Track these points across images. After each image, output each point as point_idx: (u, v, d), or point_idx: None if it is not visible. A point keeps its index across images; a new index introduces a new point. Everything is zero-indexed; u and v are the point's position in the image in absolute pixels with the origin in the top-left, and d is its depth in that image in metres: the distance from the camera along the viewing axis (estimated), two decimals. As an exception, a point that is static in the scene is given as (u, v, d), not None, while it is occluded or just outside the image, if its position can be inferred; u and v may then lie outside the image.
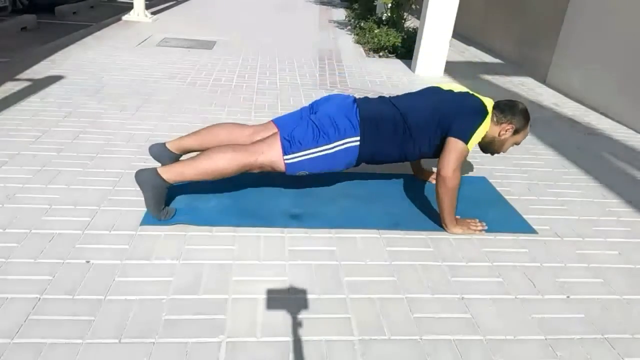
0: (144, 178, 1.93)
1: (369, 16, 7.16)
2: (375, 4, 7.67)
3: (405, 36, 5.84)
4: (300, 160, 2.03)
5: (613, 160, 3.14)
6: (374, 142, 2.08)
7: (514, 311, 1.67)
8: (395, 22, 6.38)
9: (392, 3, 6.28)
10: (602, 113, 4.09)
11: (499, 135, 2.17)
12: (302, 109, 2.29)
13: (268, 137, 2.09)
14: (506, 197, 2.48)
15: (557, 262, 1.98)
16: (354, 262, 1.87)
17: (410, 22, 6.82)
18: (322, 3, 10.97)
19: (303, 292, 1.68)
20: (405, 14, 6.60)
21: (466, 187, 2.52)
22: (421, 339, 1.51)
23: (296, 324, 1.53)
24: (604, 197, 2.59)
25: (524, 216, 2.30)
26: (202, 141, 2.22)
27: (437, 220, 2.17)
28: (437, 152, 2.15)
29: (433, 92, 2.23)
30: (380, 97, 2.28)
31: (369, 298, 1.67)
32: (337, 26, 7.87)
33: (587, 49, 4.40)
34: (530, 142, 3.30)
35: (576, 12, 4.60)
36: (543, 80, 5.03)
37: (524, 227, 2.21)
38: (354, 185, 2.47)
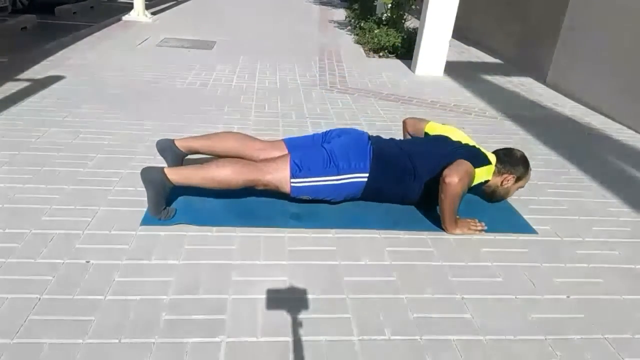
0: (150, 176, 1.96)
1: (369, 16, 7.16)
2: (375, 4, 7.67)
3: (405, 36, 5.84)
4: (306, 186, 2.09)
5: (613, 160, 3.13)
6: (381, 181, 2.14)
7: (514, 311, 1.67)
8: (395, 22, 6.38)
9: (392, 3, 6.28)
10: (602, 113, 4.09)
11: (501, 184, 2.27)
12: (315, 135, 2.35)
13: (278, 158, 2.14)
14: (506, 197, 2.48)
15: (557, 262, 1.98)
16: (354, 262, 1.87)
17: (410, 22, 6.82)
18: (322, 3, 10.97)
19: (303, 292, 1.68)
20: (405, 14, 6.60)
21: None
22: (421, 339, 1.51)
23: (296, 324, 1.53)
24: (604, 197, 2.59)
25: (524, 216, 2.30)
26: (210, 146, 2.27)
27: (437, 220, 2.17)
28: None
29: (441, 140, 2.30)
30: (391, 138, 2.37)
31: (369, 298, 1.67)
32: (337, 26, 7.87)
33: (587, 49, 4.40)
34: (530, 142, 3.30)
35: (576, 12, 4.60)
36: (543, 80, 5.03)
37: (524, 227, 2.21)
38: None
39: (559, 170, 2.89)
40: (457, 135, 2.35)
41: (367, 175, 2.12)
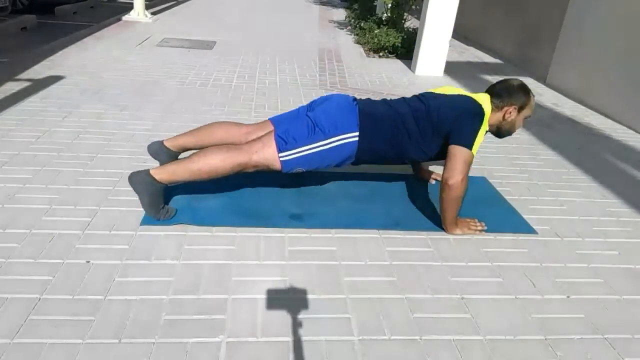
0: (137, 180, 1.93)
1: (369, 16, 7.16)
2: (375, 4, 7.67)
3: (405, 36, 5.84)
4: (295, 158, 2.01)
5: (613, 160, 3.13)
6: (373, 139, 2.06)
7: (514, 311, 1.67)
8: (395, 22, 6.38)
9: (392, 3, 6.28)
10: (602, 113, 4.09)
11: (504, 119, 2.15)
12: (300, 108, 2.27)
13: (263, 135, 2.07)
14: (506, 197, 2.48)
15: (557, 262, 1.98)
16: (354, 262, 1.87)
17: (410, 22, 6.82)
18: (322, 3, 10.97)
19: (303, 292, 1.68)
20: (405, 14, 6.60)
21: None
22: (421, 339, 1.51)
23: (296, 324, 1.53)
24: (604, 197, 2.59)
25: (524, 216, 2.30)
26: (198, 139, 2.21)
27: (437, 220, 2.17)
28: (437, 156, 2.15)
29: (430, 96, 2.21)
30: (382, 99, 2.27)
31: (369, 298, 1.67)
32: (337, 26, 7.87)
33: (587, 49, 4.40)
34: (530, 142, 3.30)
35: (576, 12, 4.60)
36: (543, 80, 5.03)
37: (524, 227, 2.21)
38: (353, 186, 2.47)
39: (559, 170, 2.89)
40: (442, 89, 2.27)
41: (357, 134, 2.02)
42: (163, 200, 2.01)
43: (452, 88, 2.29)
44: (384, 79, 4.71)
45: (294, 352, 1.43)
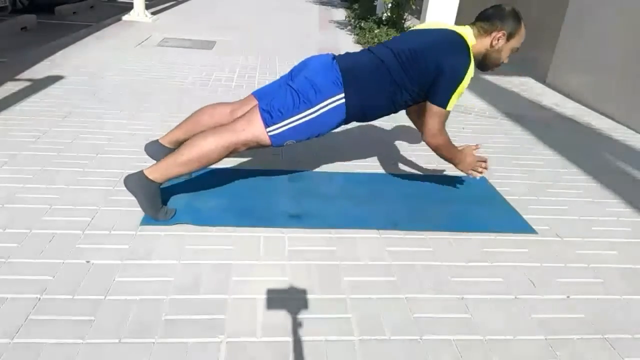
0: (132, 183, 1.92)
1: (369, 16, 7.16)
2: (375, 4, 7.68)
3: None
4: (284, 131, 1.95)
5: (613, 160, 3.13)
6: (360, 94, 1.98)
7: (514, 311, 1.67)
8: (395, 22, 6.38)
9: (392, 3, 6.28)
10: (602, 113, 4.09)
11: (491, 46, 2.06)
12: (282, 77, 2.20)
13: (247, 112, 2.01)
14: (506, 197, 2.48)
15: (557, 262, 1.98)
16: (354, 262, 1.87)
17: (410, 22, 6.82)
18: (322, 3, 10.97)
19: (303, 292, 1.68)
20: (405, 14, 6.59)
21: (465, 187, 2.53)
22: (421, 339, 1.51)
23: (296, 324, 1.53)
24: (604, 197, 2.59)
25: (525, 216, 2.30)
26: (187, 129, 2.17)
27: (437, 220, 2.18)
28: (427, 96, 2.07)
29: (412, 35, 2.13)
30: (360, 50, 2.20)
31: (369, 298, 1.67)
32: (337, 26, 7.87)
33: (587, 49, 4.40)
34: (530, 142, 3.30)
35: (576, 12, 4.60)
36: (543, 80, 5.03)
37: (524, 227, 2.21)
38: (353, 185, 2.47)
39: (559, 170, 2.89)
40: (426, 25, 2.21)
41: (342, 95, 1.95)
42: (161, 201, 2.01)
43: (438, 22, 2.21)
44: (384, 79, 4.70)
45: (294, 352, 1.43)
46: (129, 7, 7.18)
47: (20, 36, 5.91)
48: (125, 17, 6.82)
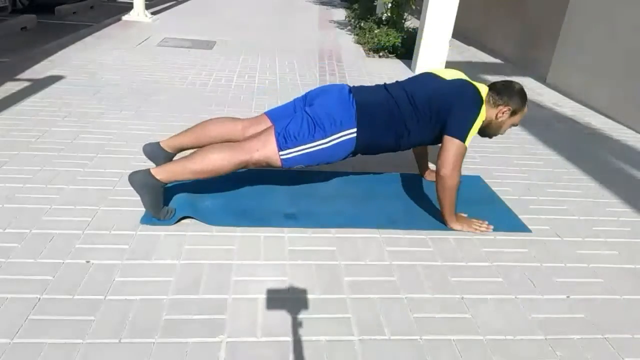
0: (138, 180, 1.92)
1: (369, 16, 7.16)
2: (375, 4, 7.67)
3: (405, 36, 5.84)
4: (296, 156, 2.01)
5: (613, 160, 3.14)
6: (371, 131, 2.05)
7: (514, 311, 1.67)
8: (395, 22, 6.38)
9: (392, 3, 6.28)
10: (602, 113, 4.09)
11: (495, 117, 2.14)
12: (296, 100, 2.25)
13: (262, 132, 2.06)
14: (506, 197, 2.48)
15: (557, 262, 1.98)
16: (354, 262, 1.87)
17: (410, 22, 6.82)
18: (322, 3, 10.97)
19: (303, 292, 1.68)
20: (405, 14, 6.60)
21: (461, 187, 2.52)
22: (421, 339, 1.51)
23: (296, 324, 1.53)
24: (604, 197, 2.59)
25: (524, 216, 2.30)
26: (195, 138, 2.20)
27: (434, 218, 2.18)
28: (435, 141, 2.14)
29: (428, 80, 2.19)
30: (376, 85, 2.25)
31: (369, 298, 1.67)
32: (337, 26, 7.87)
33: (587, 49, 4.40)
34: (530, 142, 3.30)
35: (576, 12, 4.60)
36: (543, 80, 5.03)
37: (518, 226, 2.21)
38: (349, 185, 2.48)
39: (559, 170, 2.89)
40: (442, 71, 2.25)
41: (355, 130, 2.02)
42: (163, 201, 2.01)
43: (454, 71, 2.25)
44: (384, 79, 4.70)
45: (294, 352, 1.43)
46: (129, 7, 7.18)
47: (20, 36, 5.91)
48: (125, 17, 6.82)
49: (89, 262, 1.74)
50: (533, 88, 4.79)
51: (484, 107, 2.08)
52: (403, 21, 6.46)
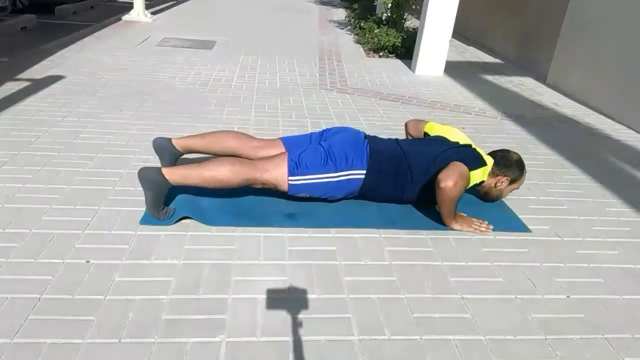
0: (148, 176, 1.94)
1: (369, 16, 7.16)
2: (375, 4, 7.68)
3: (405, 36, 5.84)
4: (303, 183, 2.09)
5: (613, 160, 3.13)
6: (378, 178, 2.15)
7: (514, 311, 1.67)
8: (395, 22, 6.38)
9: (392, 3, 6.28)
10: (602, 113, 4.09)
11: (495, 186, 2.28)
12: (312, 134, 2.36)
13: (276, 156, 2.14)
14: (506, 197, 2.48)
15: (557, 262, 1.98)
16: (354, 262, 1.87)
17: (410, 22, 6.82)
18: (322, 3, 10.97)
19: (303, 292, 1.68)
20: (405, 14, 6.60)
21: None
22: (421, 339, 1.51)
23: (296, 324, 1.53)
24: (604, 197, 2.59)
25: (524, 216, 2.30)
26: (208, 145, 2.27)
27: (433, 219, 2.18)
28: (435, 200, 2.16)
29: (439, 142, 2.29)
30: (389, 138, 2.38)
31: (369, 298, 1.67)
32: (337, 26, 7.87)
33: (587, 49, 4.40)
34: (530, 142, 3.30)
35: (576, 12, 4.60)
36: (543, 80, 5.03)
37: (518, 226, 2.21)
38: None
39: (559, 170, 2.89)
40: (455, 135, 2.35)
41: (364, 172, 2.12)
42: (164, 201, 2.02)
43: (465, 138, 2.35)
44: (384, 79, 4.71)
45: (294, 352, 1.43)
46: (129, 7, 7.18)
47: (20, 36, 5.91)
48: (125, 17, 6.83)
49: (89, 262, 1.74)
50: (533, 88, 4.79)
51: (486, 169, 2.21)
52: (403, 21, 6.46)
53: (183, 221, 2.04)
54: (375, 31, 6.08)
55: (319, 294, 1.68)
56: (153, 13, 7.35)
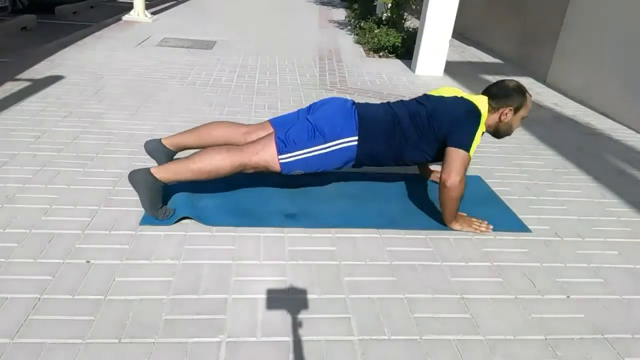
0: (138, 178, 1.93)
1: (369, 16, 7.16)
2: (375, 4, 7.67)
3: (405, 36, 5.84)
4: (294, 160, 2.03)
5: (613, 160, 3.13)
6: (371, 143, 2.08)
7: (514, 311, 1.67)
8: (395, 22, 6.38)
9: (392, 3, 6.28)
10: (602, 113, 4.09)
11: (500, 120, 2.17)
12: (300, 110, 2.30)
13: (263, 137, 2.09)
14: (506, 197, 2.48)
15: (557, 262, 1.98)
16: (354, 262, 1.87)
17: (410, 22, 6.82)
18: (322, 3, 10.97)
19: (303, 292, 1.68)
20: (405, 14, 6.60)
21: None
22: (421, 339, 1.51)
23: (296, 324, 1.53)
24: (604, 197, 2.59)
25: (524, 216, 2.30)
26: (198, 139, 2.23)
27: (434, 218, 2.18)
28: (436, 158, 2.16)
29: (428, 99, 2.22)
30: (380, 103, 2.29)
31: (369, 298, 1.67)
32: (337, 26, 7.87)
33: (587, 49, 4.40)
34: (530, 142, 3.30)
35: (576, 12, 4.60)
36: (543, 80, 5.03)
37: (518, 226, 2.21)
38: (349, 185, 2.48)
39: (559, 170, 2.89)
40: (449, 92, 2.26)
41: (356, 138, 2.05)
42: (162, 200, 2.02)
43: (450, 89, 2.29)
44: (384, 79, 4.71)
45: (294, 352, 1.43)
46: (129, 7, 7.18)
47: (20, 36, 5.91)
48: (125, 17, 6.83)
49: (89, 262, 1.74)
50: (533, 88, 4.79)
51: (482, 120, 2.10)
52: (403, 21, 6.46)
53: (183, 221, 2.04)
54: (375, 31, 6.07)
55: (319, 294, 1.68)
56: (153, 13, 7.35)
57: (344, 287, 1.72)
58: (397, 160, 2.19)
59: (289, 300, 1.64)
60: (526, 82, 4.99)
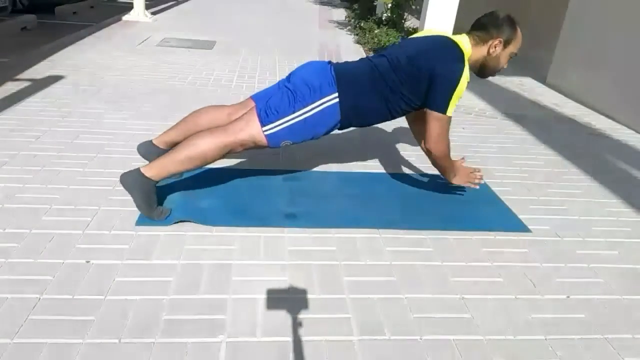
0: (129, 180, 1.92)
1: (369, 16, 7.16)
2: (375, 4, 7.68)
3: (405, 36, 5.84)
4: (279, 130, 1.98)
5: (613, 160, 3.13)
6: (354, 96, 2.02)
7: (514, 311, 1.67)
8: (395, 22, 6.38)
9: (392, 3, 6.28)
10: (602, 113, 4.09)
11: (488, 54, 2.09)
12: (280, 81, 2.23)
13: (245, 113, 2.06)
14: (506, 197, 2.48)
15: (557, 262, 1.98)
16: (354, 262, 1.87)
17: (410, 22, 6.82)
18: (322, 3, 10.97)
19: (303, 292, 1.68)
20: (405, 14, 6.60)
21: (460, 186, 2.52)
22: (421, 339, 1.51)
23: (296, 324, 1.53)
24: (604, 197, 2.59)
25: (524, 216, 2.30)
26: (185, 130, 2.19)
27: (433, 218, 2.19)
28: (424, 105, 2.09)
29: (408, 42, 2.17)
30: (360, 59, 2.23)
31: (369, 298, 1.67)
32: (337, 26, 7.87)
33: (587, 49, 4.40)
34: (530, 142, 3.30)
35: (576, 12, 4.60)
36: (543, 80, 5.03)
37: (518, 226, 2.20)
38: (348, 185, 2.48)
39: (559, 170, 2.89)
40: (426, 33, 2.23)
41: (336, 95, 1.99)
42: (157, 200, 2.01)
43: (433, 30, 2.25)
44: (384, 79, 4.70)
45: (294, 352, 1.43)
46: (129, 7, 7.18)
47: (20, 36, 5.91)
48: (125, 17, 6.83)
49: (89, 262, 1.74)
50: (533, 88, 4.79)
51: (466, 59, 2.05)
52: (403, 21, 6.47)
53: (183, 221, 2.03)
54: (375, 31, 6.08)
55: (319, 294, 1.68)
56: (153, 13, 7.35)
57: (344, 287, 1.72)
58: (383, 113, 2.12)
59: (289, 300, 1.64)
60: (526, 82, 4.99)
